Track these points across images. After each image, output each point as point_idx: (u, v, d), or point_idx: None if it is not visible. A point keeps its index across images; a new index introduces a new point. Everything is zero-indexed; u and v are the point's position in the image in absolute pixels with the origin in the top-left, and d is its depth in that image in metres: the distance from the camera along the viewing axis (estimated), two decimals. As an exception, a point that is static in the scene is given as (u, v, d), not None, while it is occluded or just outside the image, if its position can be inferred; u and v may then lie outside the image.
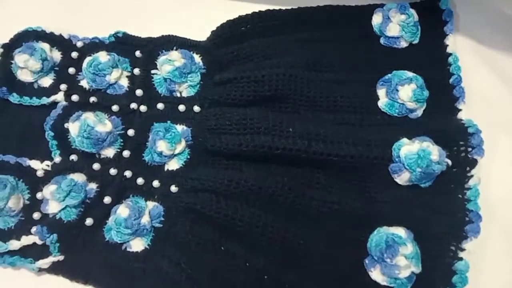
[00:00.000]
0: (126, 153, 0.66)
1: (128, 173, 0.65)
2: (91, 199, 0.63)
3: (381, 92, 0.67)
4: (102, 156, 0.66)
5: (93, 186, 0.64)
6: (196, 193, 0.62)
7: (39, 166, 0.66)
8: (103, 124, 0.66)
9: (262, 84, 0.66)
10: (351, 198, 0.61)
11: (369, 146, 0.63)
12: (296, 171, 0.63)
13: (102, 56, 0.69)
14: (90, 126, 0.65)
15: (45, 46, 0.71)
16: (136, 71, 0.70)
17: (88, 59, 0.70)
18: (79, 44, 0.72)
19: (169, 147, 0.64)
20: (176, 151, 0.65)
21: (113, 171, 0.65)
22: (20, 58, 0.69)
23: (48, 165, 0.66)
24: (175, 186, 0.64)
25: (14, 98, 0.69)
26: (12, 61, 0.70)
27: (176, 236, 0.61)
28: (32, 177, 0.65)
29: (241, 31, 0.71)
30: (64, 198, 0.61)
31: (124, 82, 0.70)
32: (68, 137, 0.66)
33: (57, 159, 0.66)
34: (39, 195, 0.64)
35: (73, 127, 0.65)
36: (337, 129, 0.64)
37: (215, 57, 0.70)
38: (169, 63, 0.69)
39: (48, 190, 0.62)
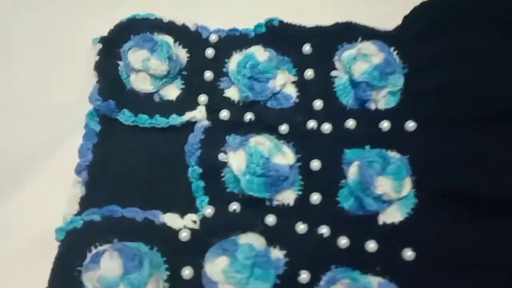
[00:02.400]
0: (315, 198, 0.38)
1: (324, 230, 0.37)
2: (282, 277, 0.35)
3: None
4: (276, 204, 0.38)
5: (278, 254, 0.36)
6: (453, 267, 0.35)
7: (180, 224, 0.37)
8: (282, 154, 0.38)
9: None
10: None
11: None
12: None
13: (259, 53, 0.42)
14: (263, 157, 0.37)
15: (169, 39, 0.43)
16: (309, 73, 0.43)
17: (236, 58, 0.43)
18: (213, 38, 0.44)
19: (396, 187, 0.37)
20: (403, 194, 0.37)
21: (301, 228, 0.37)
22: (136, 56, 0.41)
23: (195, 221, 0.37)
24: (412, 251, 0.36)
25: (125, 117, 0.41)
26: (119, 62, 0.42)
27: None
28: (172, 243, 0.36)
29: (448, 19, 0.44)
30: (247, 279, 0.33)
31: (291, 91, 0.43)
32: (222, 175, 0.38)
33: (208, 210, 0.38)
34: (186, 273, 0.35)
35: (236, 160, 0.38)
36: None
37: (417, 54, 0.43)
38: (363, 59, 0.42)
39: (214, 267, 0.34)
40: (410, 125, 0.41)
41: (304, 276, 0.36)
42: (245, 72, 0.41)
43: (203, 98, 0.42)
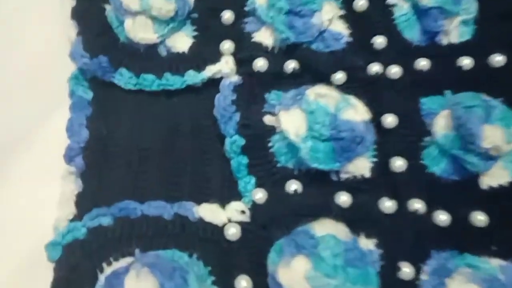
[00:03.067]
0: (398, 164, 0.28)
1: (419, 206, 0.27)
2: (381, 276, 0.25)
3: None
4: (345, 177, 0.28)
5: (368, 244, 0.26)
6: None
7: (223, 217, 0.26)
8: (353, 107, 0.27)
9: None
10: None
11: None
12: None
13: (295, -22, 0.31)
14: (329, 113, 0.26)
15: (170, -30, 0.31)
16: (361, 3, 0.32)
17: (264, -11, 0.31)
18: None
19: (508, 137, 0.27)
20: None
21: (388, 206, 0.27)
22: (130, -6, 0.29)
23: (244, 211, 0.27)
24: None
25: (124, 79, 0.30)
26: (107, 6, 0.30)
27: None
28: (216, 245, 0.26)
29: None
30: (343, 285, 0.23)
31: (340, 27, 0.32)
32: (270, 144, 0.28)
33: (259, 195, 0.27)
34: (242, 285, 0.25)
35: (291, 121, 0.27)
36: None
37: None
38: (431, -21, 0.31)
39: (290, 273, 0.23)
40: (497, 59, 0.31)
41: (406, 270, 0.26)
42: (281, 5, 0.30)
43: (227, 46, 0.31)
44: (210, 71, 0.30)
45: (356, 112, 0.28)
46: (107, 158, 0.28)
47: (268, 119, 0.28)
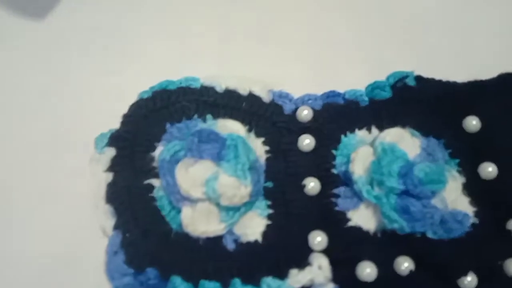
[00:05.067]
0: None
1: None
2: None
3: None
4: None
5: None
6: None
7: None
8: None
9: None
10: None
11: None
12: None
13: (406, 143, 0.23)
14: None
15: (239, 128, 0.23)
16: (488, 170, 0.24)
17: (363, 155, 0.24)
18: (305, 113, 0.25)
19: None
20: None
21: None
22: (193, 176, 0.21)
23: None
24: None
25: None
26: (154, 182, 0.21)
27: None
28: None
29: None
30: None
31: (462, 204, 0.24)
32: None
33: None
34: None
35: None
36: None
37: None
38: None
39: None
40: None
41: None
42: (392, 185, 0.22)
43: (319, 239, 0.22)
44: (298, 282, 0.21)
45: None
46: None
47: None
